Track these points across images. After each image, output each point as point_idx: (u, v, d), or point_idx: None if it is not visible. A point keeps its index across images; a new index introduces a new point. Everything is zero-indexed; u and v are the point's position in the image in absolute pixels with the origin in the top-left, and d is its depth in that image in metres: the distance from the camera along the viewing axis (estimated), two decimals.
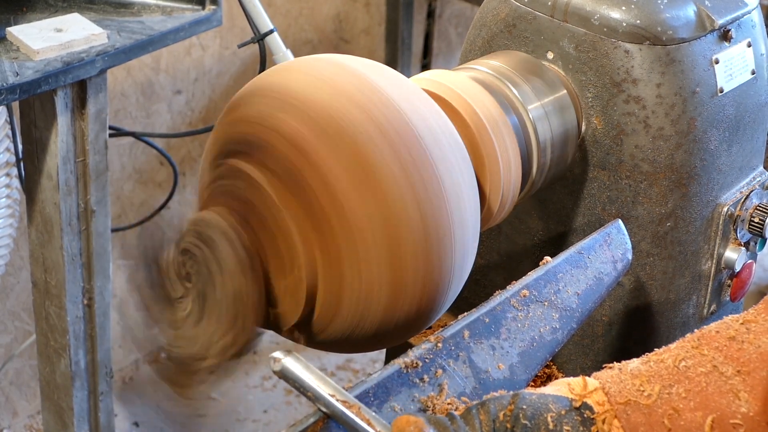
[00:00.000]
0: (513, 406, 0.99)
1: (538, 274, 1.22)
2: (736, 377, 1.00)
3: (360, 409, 1.00)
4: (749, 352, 1.01)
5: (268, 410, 2.70)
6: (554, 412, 0.99)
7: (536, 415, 0.98)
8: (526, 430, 0.98)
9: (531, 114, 1.37)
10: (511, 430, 0.99)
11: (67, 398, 2.03)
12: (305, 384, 1.01)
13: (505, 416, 0.99)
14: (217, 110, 2.78)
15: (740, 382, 1.00)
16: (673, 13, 1.38)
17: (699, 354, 1.03)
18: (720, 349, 1.02)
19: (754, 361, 1.01)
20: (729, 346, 1.02)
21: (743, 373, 1.00)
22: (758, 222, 1.50)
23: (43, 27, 1.74)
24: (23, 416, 2.64)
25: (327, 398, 1.00)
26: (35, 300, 2.00)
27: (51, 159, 1.81)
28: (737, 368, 1.01)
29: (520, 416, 0.99)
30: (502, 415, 0.99)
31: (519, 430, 0.98)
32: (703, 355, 1.02)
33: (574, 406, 1.00)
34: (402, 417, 0.98)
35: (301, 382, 1.01)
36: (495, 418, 0.99)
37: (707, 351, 1.03)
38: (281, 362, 1.01)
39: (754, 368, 1.00)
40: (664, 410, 0.99)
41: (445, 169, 1.14)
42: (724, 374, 1.00)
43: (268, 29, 2.10)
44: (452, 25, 3.29)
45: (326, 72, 1.16)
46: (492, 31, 1.49)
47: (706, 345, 1.03)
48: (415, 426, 0.97)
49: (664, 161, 1.39)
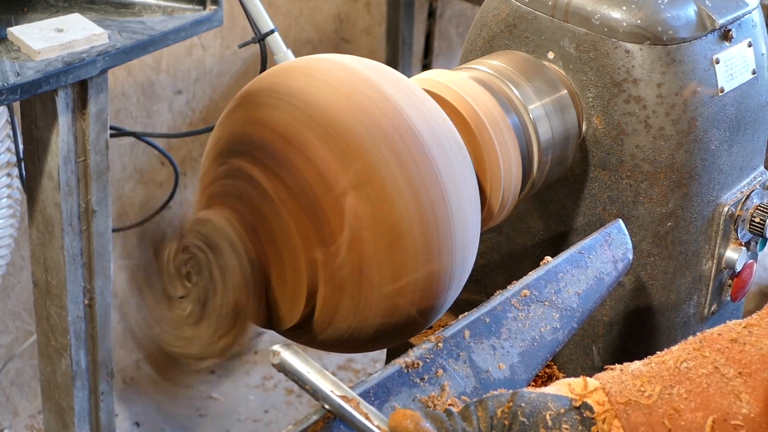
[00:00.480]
0: (511, 403, 0.99)
1: (539, 273, 1.22)
2: (738, 379, 1.00)
3: (359, 403, 1.00)
4: (751, 353, 1.01)
5: (269, 410, 2.70)
6: (553, 410, 0.99)
7: (534, 413, 0.98)
8: (524, 427, 0.98)
9: (531, 114, 1.37)
10: (508, 427, 0.98)
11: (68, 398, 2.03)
12: (304, 377, 1.01)
13: (503, 413, 0.99)
14: (218, 110, 2.78)
15: (742, 383, 1.00)
16: (674, 13, 1.38)
17: (701, 356, 1.03)
18: (722, 351, 1.02)
19: (755, 363, 1.00)
20: (731, 348, 1.02)
21: (745, 374, 1.00)
22: (759, 222, 1.50)
23: (44, 27, 1.74)
24: (24, 416, 2.64)
25: (325, 392, 1.00)
26: (36, 300, 2.00)
27: (52, 159, 1.81)
28: (739, 370, 1.00)
29: (518, 413, 0.98)
30: (500, 412, 0.99)
31: (517, 427, 0.98)
32: (704, 357, 1.02)
33: (573, 405, 1.00)
34: (399, 411, 0.98)
35: (300, 375, 1.01)
36: (493, 415, 0.99)
37: (709, 353, 1.03)
38: (280, 355, 1.01)
39: (756, 370, 1.00)
40: (665, 410, 0.99)
41: (445, 169, 1.14)
42: (725, 376, 1.00)
43: (268, 29, 2.10)
44: (453, 25, 3.29)
45: (330, 74, 1.16)
46: (493, 31, 1.49)
47: (707, 347, 1.03)
48: (412, 419, 0.97)
49: (664, 161, 1.39)
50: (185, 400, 2.70)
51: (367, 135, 1.11)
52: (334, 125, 1.11)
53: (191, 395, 2.72)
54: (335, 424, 1.02)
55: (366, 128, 1.11)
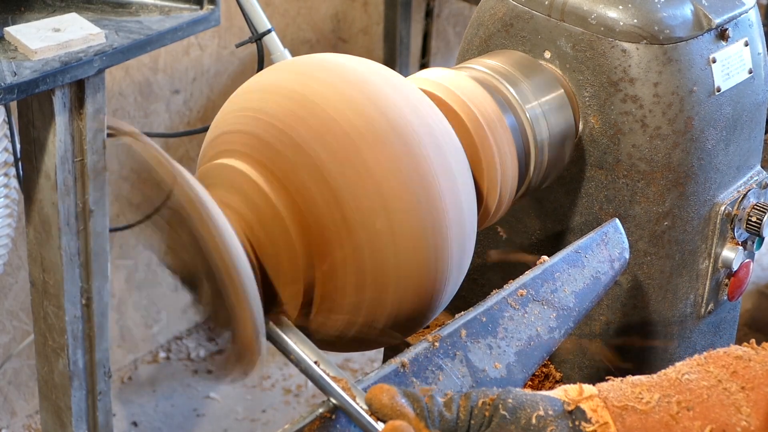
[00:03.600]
0: (496, 397, 0.99)
1: (536, 273, 1.22)
2: (740, 393, 0.99)
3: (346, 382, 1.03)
4: (755, 369, 1.00)
5: (267, 410, 2.70)
6: (542, 411, 0.97)
7: (518, 409, 0.97)
8: (504, 421, 0.97)
9: (528, 113, 1.37)
10: (489, 418, 0.97)
11: (65, 398, 2.03)
12: (289, 347, 1.03)
13: (485, 404, 0.98)
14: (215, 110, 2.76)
15: (744, 398, 0.98)
16: (670, 12, 1.39)
17: (704, 370, 1.01)
18: (726, 367, 1.01)
19: (759, 378, 0.99)
20: (735, 364, 1.01)
21: (747, 389, 0.99)
22: (755, 221, 1.50)
23: (40, 27, 1.73)
24: (21, 416, 2.64)
25: (307, 361, 1.03)
26: (33, 300, 1.99)
27: (49, 159, 1.81)
28: (741, 385, 0.99)
29: (500, 407, 0.97)
30: (481, 403, 0.98)
31: (497, 419, 0.97)
32: (708, 372, 1.01)
33: (566, 409, 0.99)
34: (376, 385, 0.99)
35: (286, 344, 1.03)
36: (474, 405, 0.98)
37: (713, 368, 1.01)
38: (270, 325, 1.04)
39: (759, 384, 0.99)
40: (661, 417, 0.98)
41: (441, 169, 1.14)
42: (727, 389, 0.99)
43: (266, 29, 2.10)
44: (450, 24, 3.29)
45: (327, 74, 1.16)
46: (489, 31, 1.49)
47: (712, 363, 1.02)
48: (388, 393, 0.98)
49: (661, 160, 1.39)
50: (183, 400, 2.70)
51: (363, 135, 1.11)
52: (331, 125, 1.11)
53: (189, 395, 2.72)
54: (332, 423, 1.02)
55: (361, 127, 1.11)
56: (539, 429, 0.96)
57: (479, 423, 0.97)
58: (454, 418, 0.98)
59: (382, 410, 0.98)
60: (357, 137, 1.11)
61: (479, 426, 0.97)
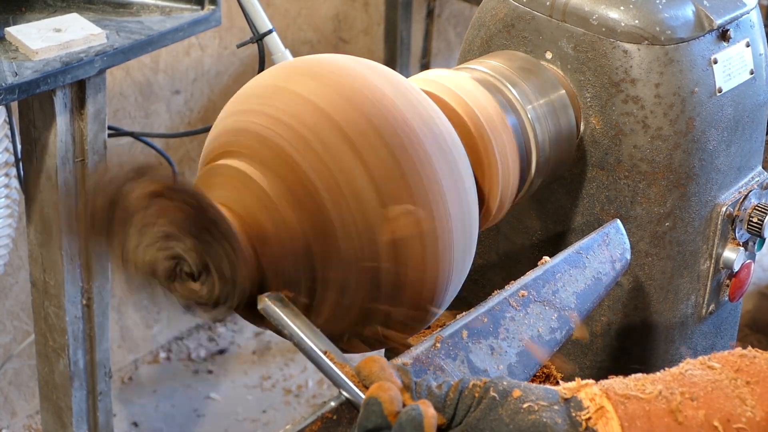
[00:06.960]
0: (489, 380, 0.98)
1: (537, 273, 1.22)
2: (745, 387, 0.98)
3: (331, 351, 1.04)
4: (760, 365, 1.00)
5: (267, 410, 2.70)
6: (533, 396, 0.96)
7: (509, 392, 0.96)
8: (493, 403, 0.96)
9: (529, 114, 1.37)
10: (478, 399, 0.97)
11: (65, 398, 2.03)
12: (283, 322, 1.04)
13: (475, 386, 0.98)
14: (216, 110, 2.77)
15: (749, 391, 0.98)
16: (672, 13, 1.39)
17: (708, 367, 1.01)
18: (730, 364, 1.00)
19: (764, 372, 0.99)
20: (740, 361, 1.01)
21: (752, 383, 0.98)
22: (757, 222, 1.50)
23: (41, 27, 1.74)
24: (22, 416, 2.64)
25: (301, 336, 1.04)
26: (34, 300, 2.00)
27: (50, 159, 1.81)
28: (746, 380, 0.99)
29: (490, 389, 0.97)
30: (472, 385, 0.98)
31: (487, 401, 0.96)
32: (711, 368, 1.01)
33: (563, 397, 0.97)
34: (367, 357, 1.00)
35: (280, 320, 1.04)
36: (465, 387, 0.98)
37: (717, 365, 1.01)
38: (265, 300, 1.06)
39: (764, 378, 0.98)
40: (665, 405, 0.97)
41: (443, 170, 1.14)
42: (732, 383, 0.99)
43: (266, 29, 2.10)
44: (451, 25, 3.29)
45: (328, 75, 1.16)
46: (490, 31, 1.49)
47: (716, 360, 1.02)
48: (378, 362, 0.99)
49: (662, 161, 1.39)
50: (183, 400, 2.70)
51: (364, 135, 1.11)
52: (333, 126, 1.11)
53: (189, 395, 2.72)
54: (333, 424, 1.02)
55: (363, 128, 1.11)
56: (529, 412, 0.95)
57: (468, 404, 0.97)
58: (443, 395, 0.98)
59: (370, 377, 0.99)
60: (359, 138, 1.11)
61: (468, 407, 0.97)
